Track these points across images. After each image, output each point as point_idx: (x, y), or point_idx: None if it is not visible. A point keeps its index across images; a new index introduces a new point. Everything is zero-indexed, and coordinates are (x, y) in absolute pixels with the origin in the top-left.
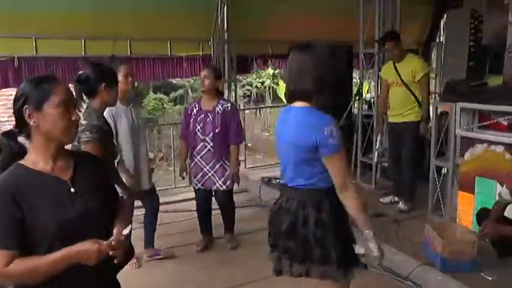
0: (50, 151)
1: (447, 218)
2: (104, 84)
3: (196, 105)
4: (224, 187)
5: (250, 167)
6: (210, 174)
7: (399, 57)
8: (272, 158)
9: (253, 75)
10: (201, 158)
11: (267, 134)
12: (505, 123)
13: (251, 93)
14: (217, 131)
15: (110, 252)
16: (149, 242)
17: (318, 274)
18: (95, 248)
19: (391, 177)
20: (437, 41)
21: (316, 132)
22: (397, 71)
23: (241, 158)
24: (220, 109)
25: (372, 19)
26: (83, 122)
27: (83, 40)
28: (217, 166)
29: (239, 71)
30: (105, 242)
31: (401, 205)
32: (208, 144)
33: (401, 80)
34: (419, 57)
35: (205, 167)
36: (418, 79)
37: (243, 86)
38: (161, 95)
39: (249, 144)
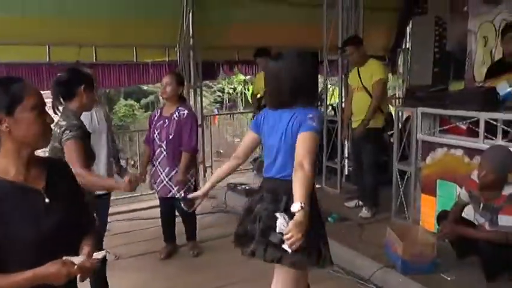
0: (22, 158)
1: (411, 221)
2: (83, 87)
3: (158, 112)
4: (178, 195)
5: None
6: (165, 182)
7: (359, 61)
8: (243, 164)
9: (225, 81)
10: (158, 164)
11: (238, 140)
12: (464, 127)
13: (222, 99)
14: (170, 137)
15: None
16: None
17: (289, 263)
18: (64, 271)
19: (355, 182)
20: (404, 47)
21: (301, 117)
22: (359, 76)
23: (207, 164)
24: (176, 115)
25: (335, 26)
26: (62, 122)
27: (47, 46)
28: (172, 173)
29: (205, 77)
30: (76, 263)
31: (364, 211)
32: (164, 150)
33: (363, 85)
34: (381, 62)
35: (161, 173)
36: (372, 83)
37: (214, 92)
38: (132, 102)
39: (221, 151)
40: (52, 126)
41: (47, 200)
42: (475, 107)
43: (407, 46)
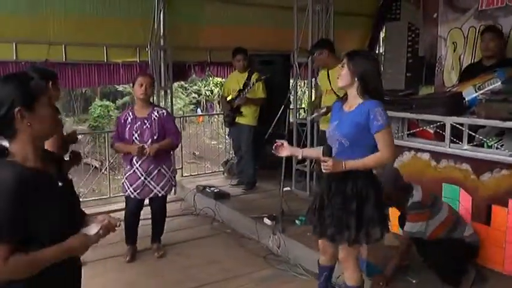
0: (37, 148)
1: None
2: (50, 83)
3: (131, 114)
4: (163, 192)
5: (186, 176)
6: (146, 182)
7: (327, 64)
8: (213, 167)
9: (201, 83)
10: (139, 165)
11: (214, 143)
12: (431, 131)
13: (197, 101)
14: (155, 137)
15: None
16: None
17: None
18: (87, 241)
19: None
20: (377, 52)
21: None
22: (328, 79)
23: (177, 166)
24: (156, 115)
25: (306, 29)
26: None
27: (14, 44)
28: (154, 172)
29: (176, 78)
30: (92, 233)
31: None
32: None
33: (331, 88)
34: None
35: (142, 175)
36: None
37: (189, 94)
38: (107, 102)
39: (197, 153)
40: None
41: (60, 184)
42: (441, 111)
43: (381, 51)
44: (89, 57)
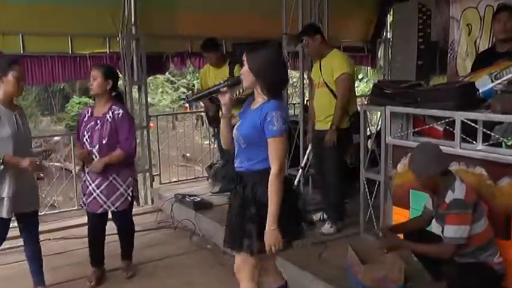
0: None
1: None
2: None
3: (89, 111)
4: (113, 208)
5: (165, 183)
6: (95, 194)
7: (317, 53)
8: (198, 172)
9: (190, 76)
10: (88, 174)
11: (207, 143)
12: (440, 128)
13: (187, 96)
14: (104, 142)
15: None
16: (41, 280)
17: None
18: None
19: (318, 191)
20: (384, 37)
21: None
22: (320, 70)
23: (155, 172)
24: (110, 116)
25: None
26: None
27: None
28: (104, 185)
29: (152, 70)
30: None
31: (326, 226)
32: (96, 157)
33: (324, 80)
34: (344, 54)
35: (91, 184)
36: (335, 78)
37: (177, 88)
38: (86, 99)
39: (187, 154)
40: None
41: None
42: (450, 105)
43: (388, 36)
44: (51, 48)
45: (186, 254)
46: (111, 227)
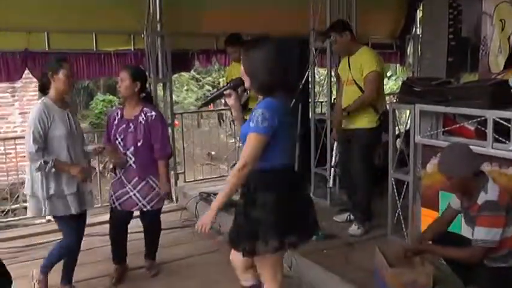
0: None
1: (410, 240)
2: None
3: (119, 113)
4: (148, 207)
5: (190, 181)
6: (131, 194)
7: (345, 50)
8: (222, 170)
9: (216, 74)
10: (123, 174)
11: (232, 141)
12: (472, 128)
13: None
14: (139, 144)
15: None
16: (69, 278)
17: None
18: None
19: (344, 191)
20: (414, 33)
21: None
22: (349, 67)
23: (180, 170)
24: (143, 118)
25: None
26: None
27: None
28: (141, 185)
29: (177, 68)
30: None
31: (353, 227)
32: (130, 159)
33: (352, 78)
34: (373, 51)
35: (127, 185)
36: (364, 76)
37: (202, 86)
38: (110, 97)
39: (213, 153)
40: None
41: None
42: (481, 103)
43: (418, 32)
44: (75, 45)
45: (210, 253)
46: (132, 225)
